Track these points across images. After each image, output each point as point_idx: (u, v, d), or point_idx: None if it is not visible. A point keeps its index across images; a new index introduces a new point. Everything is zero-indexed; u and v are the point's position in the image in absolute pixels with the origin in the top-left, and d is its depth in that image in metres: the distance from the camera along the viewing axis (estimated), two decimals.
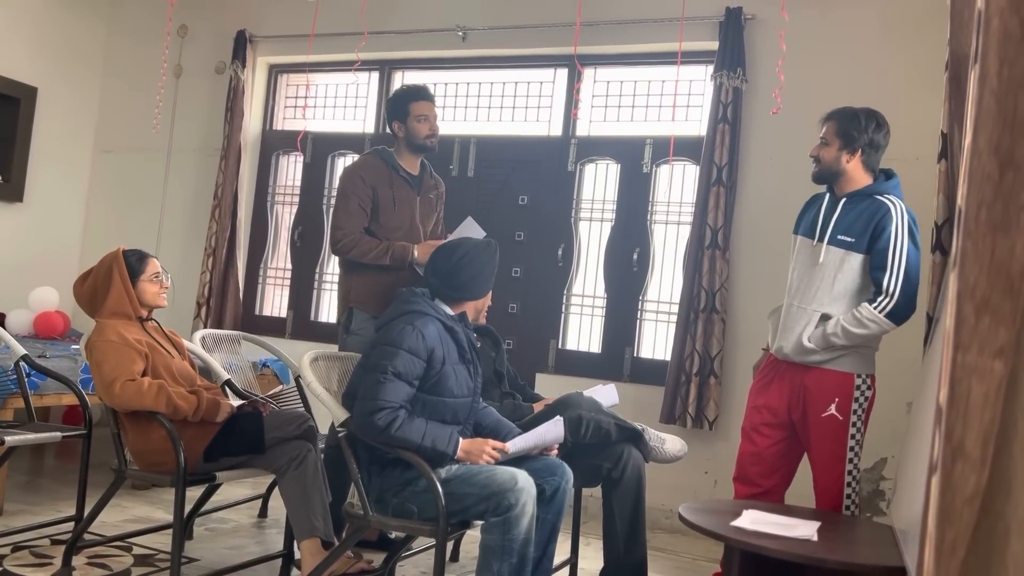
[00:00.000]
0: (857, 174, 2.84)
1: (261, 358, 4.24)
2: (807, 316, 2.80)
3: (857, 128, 2.82)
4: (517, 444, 2.55)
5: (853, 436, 2.78)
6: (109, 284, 2.88)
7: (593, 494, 3.60)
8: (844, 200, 2.83)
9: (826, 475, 2.81)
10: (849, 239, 2.78)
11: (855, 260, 2.77)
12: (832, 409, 2.77)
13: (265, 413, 2.86)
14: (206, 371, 3.30)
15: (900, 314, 2.71)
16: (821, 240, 2.82)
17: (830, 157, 2.85)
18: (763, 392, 2.93)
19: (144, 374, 2.77)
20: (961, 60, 2.76)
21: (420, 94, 3.43)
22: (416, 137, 3.40)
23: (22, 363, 3.28)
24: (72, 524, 3.10)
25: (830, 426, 2.78)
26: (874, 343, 2.83)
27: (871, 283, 2.77)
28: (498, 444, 2.51)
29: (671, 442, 2.96)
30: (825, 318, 2.78)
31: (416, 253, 3.25)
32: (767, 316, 3.07)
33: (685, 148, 4.31)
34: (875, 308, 2.70)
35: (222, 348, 3.76)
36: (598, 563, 3.00)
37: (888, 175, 2.88)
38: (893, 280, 2.70)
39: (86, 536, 3.01)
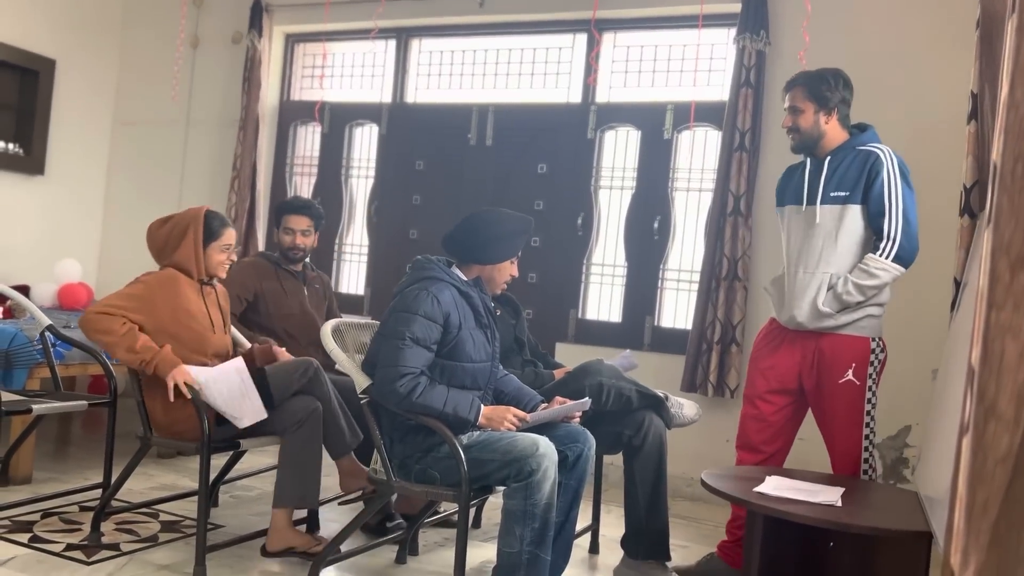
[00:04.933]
0: (835, 133, 2.84)
1: None
2: (817, 280, 2.76)
3: (828, 88, 2.81)
4: (539, 415, 2.56)
5: (869, 400, 2.77)
6: (181, 240, 2.87)
7: (614, 462, 3.61)
8: (828, 159, 2.81)
9: (844, 440, 2.79)
10: (843, 193, 2.76)
11: (854, 212, 2.75)
12: (849, 374, 2.76)
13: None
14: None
15: (906, 256, 2.71)
16: (812, 203, 2.80)
17: (808, 123, 2.83)
18: (770, 356, 2.90)
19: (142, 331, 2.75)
20: (992, 18, 2.69)
21: (288, 207, 3.66)
22: (281, 245, 3.65)
23: (47, 333, 3.32)
24: (99, 491, 3.14)
25: (847, 391, 2.76)
26: (883, 299, 2.80)
27: (873, 233, 2.75)
28: (519, 412, 2.52)
29: (688, 406, 3.02)
30: (836, 278, 2.76)
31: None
32: (764, 288, 3.02)
33: (707, 113, 4.25)
34: (880, 255, 2.70)
35: None
36: (619, 530, 3.01)
37: (862, 128, 2.86)
38: (893, 224, 2.69)
39: (113, 503, 3.04)
